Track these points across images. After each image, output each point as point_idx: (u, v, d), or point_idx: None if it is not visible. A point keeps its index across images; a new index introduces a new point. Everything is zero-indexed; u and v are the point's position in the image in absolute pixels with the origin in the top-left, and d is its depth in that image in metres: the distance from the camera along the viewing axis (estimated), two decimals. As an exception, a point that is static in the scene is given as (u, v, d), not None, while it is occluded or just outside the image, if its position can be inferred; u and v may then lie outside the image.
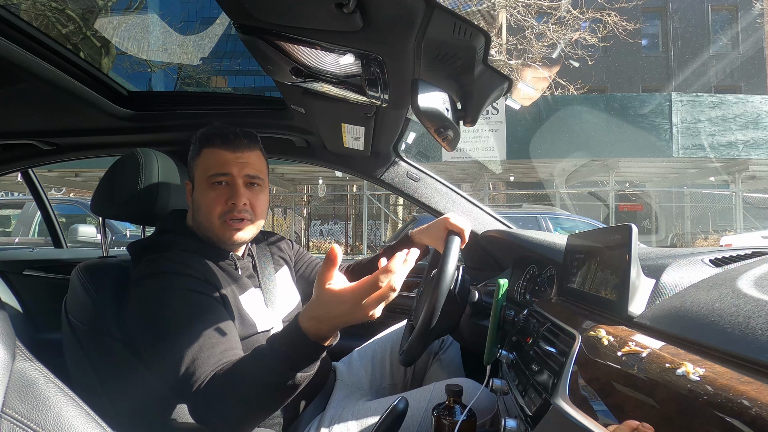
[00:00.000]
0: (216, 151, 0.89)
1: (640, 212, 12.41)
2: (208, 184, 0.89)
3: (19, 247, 4.41)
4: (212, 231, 0.90)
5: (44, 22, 6.87)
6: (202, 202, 0.89)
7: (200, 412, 0.72)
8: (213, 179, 0.88)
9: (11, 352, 0.38)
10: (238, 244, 0.95)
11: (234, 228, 0.90)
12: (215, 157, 0.89)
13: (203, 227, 0.91)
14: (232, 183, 0.89)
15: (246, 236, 0.92)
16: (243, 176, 0.90)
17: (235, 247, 0.96)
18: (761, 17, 13.99)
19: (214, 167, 0.88)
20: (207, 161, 0.89)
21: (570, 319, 0.65)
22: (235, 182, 0.89)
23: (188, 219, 0.96)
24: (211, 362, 0.73)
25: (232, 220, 0.89)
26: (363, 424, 0.93)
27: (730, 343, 0.40)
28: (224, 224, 0.89)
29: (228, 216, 0.89)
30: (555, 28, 9.84)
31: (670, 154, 8.57)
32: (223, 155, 0.89)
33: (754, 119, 8.50)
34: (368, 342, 1.26)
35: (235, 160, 0.89)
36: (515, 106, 8.40)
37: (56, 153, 1.44)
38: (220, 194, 0.89)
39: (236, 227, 0.90)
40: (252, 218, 0.92)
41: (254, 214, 0.92)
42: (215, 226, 0.89)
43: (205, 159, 0.89)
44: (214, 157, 0.89)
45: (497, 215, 1.43)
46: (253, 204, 0.91)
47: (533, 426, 0.58)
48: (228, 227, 0.89)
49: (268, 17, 0.65)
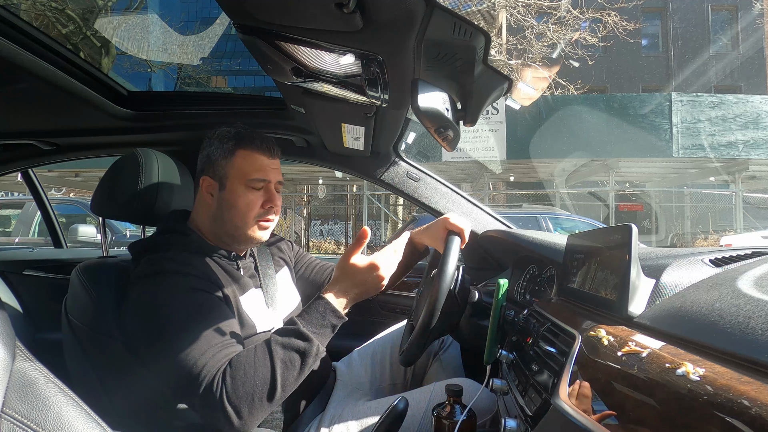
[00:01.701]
0: (255, 155, 0.92)
1: (640, 212, 12.42)
2: (246, 186, 0.91)
3: (19, 247, 4.41)
4: (243, 230, 0.92)
5: (44, 22, 6.87)
6: (240, 202, 0.91)
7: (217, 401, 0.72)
8: (253, 183, 0.91)
9: (11, 352, 0.38)
10: (259, 243, 0.98)
11: (264, 228, 0.94)
12: (255, 161, 0.92)
13: (231, 225, 0.92)
14: (268, 188, 0.93)
15: (267, 235, 0.97)
16: (276, 183, 0.95)
17: (247, 247, 0.99)
18: (761, 17, 13.99)
19: (255, 171, 0.91)
20: (246, 163, 0.91)
21: (570, 319, 0.65)
22: (271, 188, 0.94)
23: (196, 218, 0.96)
24: (218, 359, 0.74)
25: (265, 222, 0.94)
26: (363, 423, 0.93)
27: (730, 343, 0.40)
28: (256, 225, 0.93)
29: (261, 218, 0.93)
30: (555, 28, 9.84)
31: (670, 154, 8.57)
32: (262, 160, 0.92)
33: (754, 119, 8.50)
34: (368, 342, 1.26)
35: (271, 166, 0.94)
36: (515, 106, 8.40)
37: (56, 153, 1.44)
38: (258, 197, 0.92)
39: (266, 227, 0.95)
40: (277, 220, 0.97)
41: (278, 215, 0.97)
42: (249, 226, 0.92)
43: (243, 161, 0.91)
44: (254, 160, 0.92)
45: (497, 215, 1.43)
46: (278, 209, 0.97)
47: (533, 426, 0.58)
48: (259, 228, 0.94)
49: (268, 17, 0.65)
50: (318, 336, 0.78)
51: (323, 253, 11.93)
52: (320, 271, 1.18)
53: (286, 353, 0.76)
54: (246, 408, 0.72)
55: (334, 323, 0.81)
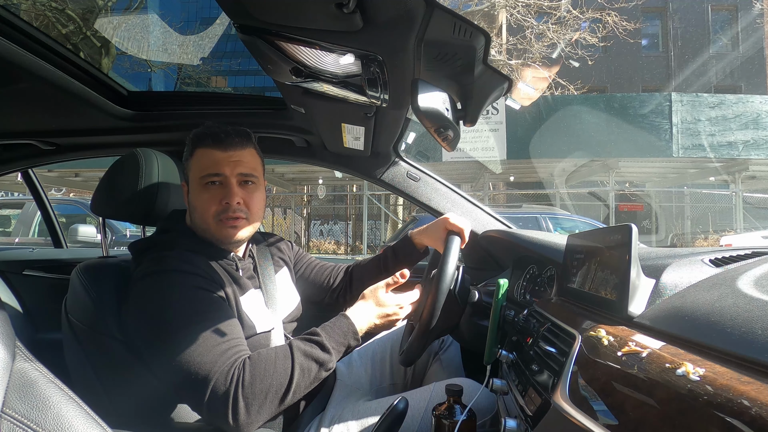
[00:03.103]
0: (208, 151, 0.89)
1: (640, 212, 12.41)
2: (201, 184, 0.89)
3: (19, 247, 4.41)
4: (209, 231, 0.91)
5: (44, 22, 6.87)
6: (197, 203, 0.90)
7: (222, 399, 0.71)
8: (206, 179, 0.89)
9: (11, 352, 0.38)
10: (236, 243, 0.95)
11: (230, 227, 0.90)
12: (207, 158, 0.89)
13: (200, 228, 0.91)
14: (226, 182, 0.89)
15: (243, 235, 0.92)
16: (236, 175, 0.89)
17: (233, 247, 0.96)
18: (761, 17, 13.99)
19: (207, 167, 0.89)
20: (199, 162, 0.89)
21: (570, 319, 0.65)
22: (228, 182, 0.89)
23: (187, 219, 0.96)
24: (228, 356, 0.74)
25: (228, 219, 0.89)
26: (363, 424, 0.92)
27: (730, 343, 0.40)
28: (220, 224, 0.89)
29: (223, 215, 0.89)
30: (555, 28, 9.84)
31: (670, 154, 8.57)
32: (215, 155, 0.89)
33: (754, 119, 8.50)
34: (368, 342, 1.26)
35: (227, 159, 0.89)
36: (515, 106, 8.40)
37: (56, 153, 1.44)
38: (213, 194, 0.89)
39: (232, 225, 0.90)
40: (247, 216, 0.92)
41: (250, 212, 0.92)
42: (211, 226, 0.90)
43: (198, 159, 0.90)
44: (207, 157, 0.89)
45: (497, 215, 1.43)
46: (248, 202, 0.91)
47: (533, 426, 0.58)
48: (224, 226, 0.89)
49: (268, 17, 0.65)
50: (336, 352, 0.81)
51: (323, 253, 11.94)
52: (320, 272, 1.18)
53: (306, 361, 0.77)
54: (257, 405, 0.72)
55: (352, 345, 0.84)
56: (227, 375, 0.72)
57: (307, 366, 0.77)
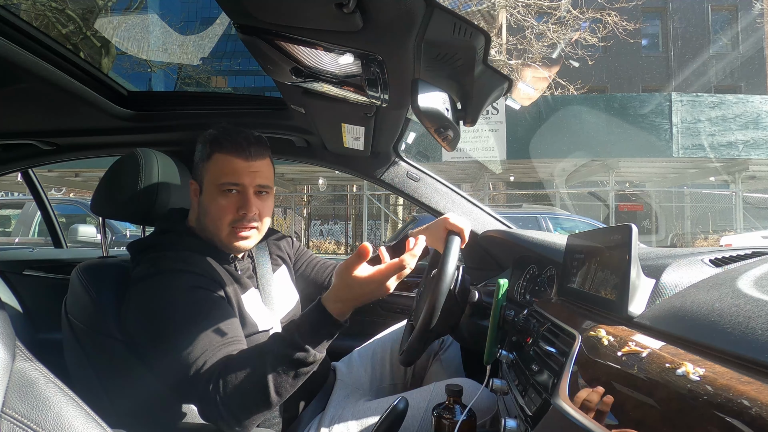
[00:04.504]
0: (228, 158, 0.87)
1: (640, 212, 12.42)
2: (218, 191, 0.88)
3: (19, 247, 4.41)
4: (219, 237, 0.90)
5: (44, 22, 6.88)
6: (212, 208, 0.88)
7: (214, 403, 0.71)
8: (224, 187, 0.87)
9: (11, 352, 0.38)
10: (242, 251, 0.95)
11: (242, 237, 0.90)
12: (227, 165, 0.87)
13: (209, 231, 0.91)
14: (244, 192, 0.88)
15: (251, 244, 0.93)
16: (254, 186, 0.89)
17: (237, 252, 0.96)
18: (761, 17, 13.99)
19: (226, 175, 0.87)
20: (218, 167, 0.88)
21: (570, 319, 0.65)
22: (247, 192, 0.88)
23: (190, 219, 0.96)
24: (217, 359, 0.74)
25: (241, 229, 0.89)
26: (363, 423, 0.93)
27: (730, 343, 0.40)
28: (232, 232, 0.89)
29: (238, 224, 0.88)
30: (555, 28, 9.84)
31: (670, 154, 8.57)
32: (235, 163, 0.87)
33: (754, 119, 8.50)
34: (368, 342, 1.26)
35: (247, 169, 0.88)
36: (515, 106, 8.40)
37: (56, 153, 1.44)
38: (231, 202, 0.88)
39: (244, 236, 0.90)
40: (259, 226, 0.92)
41: (261, 222, 0.92)
42: (223, 233, 0.89)
43: (216, 165, 0.88)
44: (226, 164, 0.87)
45: (497, 215, 1.43)
46: (262, 212, 0.91)
47: (533, 426, 0.58)
48: (235, 236, 0.89)
49: (268, 17, 0.65)
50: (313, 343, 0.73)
51: (323, 253, 11.93)
52: (321, 270, 1.18)
53: (277, 361, 0.72)
54: (241, 412, 0.72)
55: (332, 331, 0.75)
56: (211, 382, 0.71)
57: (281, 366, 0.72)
